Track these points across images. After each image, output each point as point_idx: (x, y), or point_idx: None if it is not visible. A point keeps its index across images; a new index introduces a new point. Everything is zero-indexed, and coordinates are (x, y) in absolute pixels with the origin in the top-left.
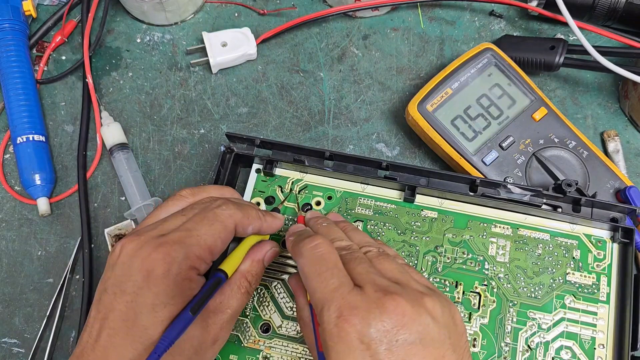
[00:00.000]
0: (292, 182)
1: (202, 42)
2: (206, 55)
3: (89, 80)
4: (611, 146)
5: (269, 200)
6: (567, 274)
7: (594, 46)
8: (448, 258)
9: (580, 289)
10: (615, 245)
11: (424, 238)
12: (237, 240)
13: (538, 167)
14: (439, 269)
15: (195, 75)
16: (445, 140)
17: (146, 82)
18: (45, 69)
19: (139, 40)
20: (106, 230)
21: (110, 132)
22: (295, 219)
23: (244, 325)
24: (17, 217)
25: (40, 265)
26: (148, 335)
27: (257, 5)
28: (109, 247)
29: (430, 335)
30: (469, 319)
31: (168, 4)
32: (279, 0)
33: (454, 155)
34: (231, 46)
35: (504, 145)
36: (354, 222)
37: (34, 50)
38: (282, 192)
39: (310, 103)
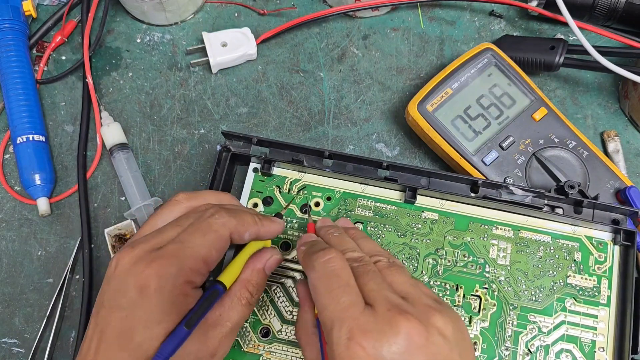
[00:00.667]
0: (291, 182)
1: (202, 42)
2: (206, 55)
3: (89, 80)
4: (611, 146)
5: (267, 201)
6: (568, 276)
7: (594, 46)
8: (449, 261)
9: (581, 292)
10: (617, 248)
11: (424, 240)
12: (238, 248)
13: (538, 167)
14: (440, 272)
15: (195, 75)
16: (445, 140)
17: (146, 82)
18: (45, 69)
19: (139, 40)
20: (106, 230)
21: (110, 132)
22: (294, 221)
23: (244, 329)
24: (17, 217)
25: (40, 265)
26: (143, 350)
27: (257, 5)
28: (109, 247)
29: (442, 354)
30: (470, 322)
31: (168, 4)
32: (279, 0)
33: (454, 155)
34: (231, 46)
35: (504, 145)
36: (354, 223)
37: (34, 50)
38: (280, 192)
39: (310, 103)
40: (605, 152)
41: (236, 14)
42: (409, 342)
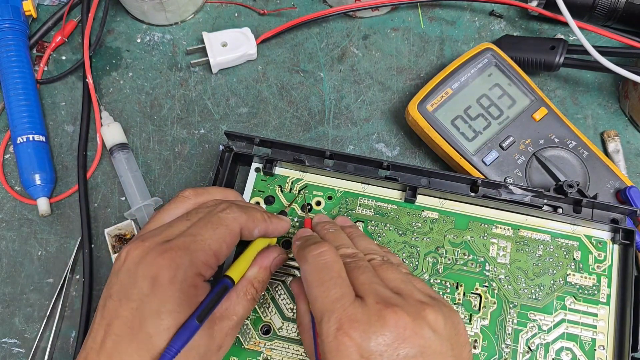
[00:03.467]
0: (292, 182)
1: (202, 42)
2: (206, 55)
3: (89, 80)
4: (611, 146)
5: (269, 200)
6: (567, 275)
7: (594, 46)
8: (449, 259)
9: (580, 290)
10: (616, 247)
11: (424, 239)
12: (243, 244)
13: (538, 167)
14: (440, 270)
15: (196, 75)
16: (445, 140)
17: (146, 82)
18: (46, 69)
19: (139, 40)
20: (106, 231)
21: (111, 132)
22: (296, 220)
23: (245, 327)
24: (17, 217)
25: (40, 265)
26: (153, 343)
27: (257, 5)
28: (109, 247)
29: (432, 348)
30: (470, 320)
31: (168, 4)
32: (279, 0)
33: (454, 155)
34: (231, 46)
35: (504, 145)
36: (355, 222)
37: (34, 50)
38: (282, 191)
39: (311, 103)
40: (606, 152)
41: (236, 14)
42: (396, 334)
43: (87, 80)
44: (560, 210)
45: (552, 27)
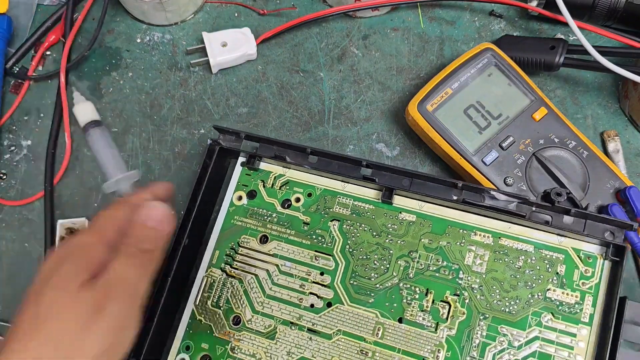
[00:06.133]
0: (275, 177)
1: (202, 42)
2: (206, 55)
3: (62, 79)
4: (611, 146)
5: (251, 194)
6: (547, 290)
7: (594, 46)
8: (421, 264)
9: (560, 307)
10: (606, 263)
11: (399, 242)
12: None
13: (538, 167)
14: (411, 275)
15: (195, 75)
16: (445, 140)
17: (146, 82)
18: (41, 68)
19: (139, 40)
20: (60, 221)
21: (81, 110)
22: (274, 215)
23: (217, 316)
24: (17, 217)
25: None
26: None
27: (257, 5)
28: (57, 238)
29: None
30: (435, 329)
31: (168, 4)
32: (279, 0)
33: (454, 155)
34: (231, 46)
35: (504, 145)
36: (331, 221)
37: (33, 51)
38: (264, 186)
39: (310, 103)
40: (605, 152)
41: (236, 14)
42: None
43: (60, 77)
44: (547, 220)
45: (552, 27)
